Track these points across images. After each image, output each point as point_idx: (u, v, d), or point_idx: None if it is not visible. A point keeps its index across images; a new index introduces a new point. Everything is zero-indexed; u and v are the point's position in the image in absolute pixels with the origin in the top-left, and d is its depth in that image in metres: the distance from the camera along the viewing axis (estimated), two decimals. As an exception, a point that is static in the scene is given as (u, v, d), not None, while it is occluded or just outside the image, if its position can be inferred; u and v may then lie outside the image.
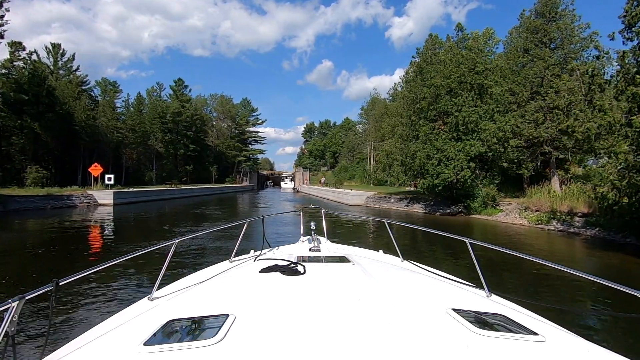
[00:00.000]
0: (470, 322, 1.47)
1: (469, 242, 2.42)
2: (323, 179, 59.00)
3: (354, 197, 30.07)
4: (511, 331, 1.46)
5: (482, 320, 1.57)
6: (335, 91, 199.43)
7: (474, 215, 20.11)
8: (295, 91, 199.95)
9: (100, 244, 12.46)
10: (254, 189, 70.69)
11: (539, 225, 15.63)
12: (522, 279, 7.95)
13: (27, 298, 1.40)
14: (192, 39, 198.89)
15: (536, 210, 16.51)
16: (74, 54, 43.69)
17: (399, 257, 3.28)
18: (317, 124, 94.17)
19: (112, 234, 14.57)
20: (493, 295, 2.18)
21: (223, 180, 66.13)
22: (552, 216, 15.40)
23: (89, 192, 26.25)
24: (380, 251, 3.65)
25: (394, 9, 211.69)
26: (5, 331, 1.28)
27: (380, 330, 1.37)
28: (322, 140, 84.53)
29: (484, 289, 2.21)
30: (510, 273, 8.18)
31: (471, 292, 2.24)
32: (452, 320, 1.51)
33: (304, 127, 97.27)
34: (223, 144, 70.19)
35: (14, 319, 1.32)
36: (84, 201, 24.86)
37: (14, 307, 1.33)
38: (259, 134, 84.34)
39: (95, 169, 28.34)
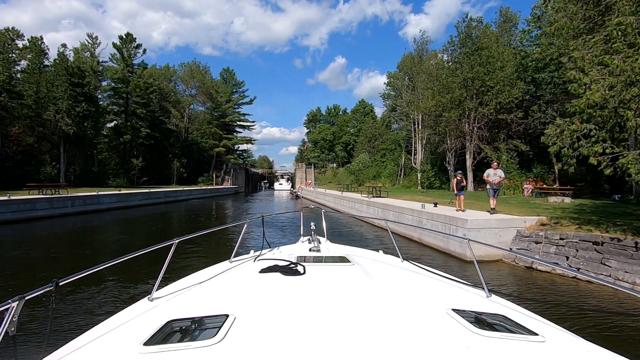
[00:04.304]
0: (470, 322, 1.44)
1: (469, 241, 2.50)
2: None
3: (485, 233, 8.78)
4: (511, 331, 1.43)
5: (482, 321, 1.55)
6: (345, 90, 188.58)
7: None
8: (304, 91, 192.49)
9: None
10: (238, 193, 52.12)
11: None
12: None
13: (27, 298, 1.39)
14: (203, 37, 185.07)
15: None
16: None
17: (398, 257, 3.19)
18: (323, 111, 74.89)
19: None
20: (493, 296, 2.11)
21: (196, 179, 47.91)
22: None
23: None
24: (380, 251, 3.54)
25: (412, 5, 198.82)
26: (6, 331, 1.26)
27: (380, 330, 1.34)
28: (330, 128, 65.55)
29: (483, 289, 2.14)
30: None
31: (471, 292, 2.17)
32: (452, 320, 1.47)
33: (307, 116, 77.39)
34: (198, 130, 51.80)
35: (14, 319, 1.31)
36: None
37: (14, 307, 1.32)
38: (247, 117, 61.79)
39: None
